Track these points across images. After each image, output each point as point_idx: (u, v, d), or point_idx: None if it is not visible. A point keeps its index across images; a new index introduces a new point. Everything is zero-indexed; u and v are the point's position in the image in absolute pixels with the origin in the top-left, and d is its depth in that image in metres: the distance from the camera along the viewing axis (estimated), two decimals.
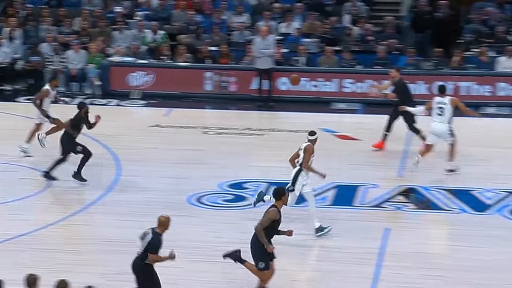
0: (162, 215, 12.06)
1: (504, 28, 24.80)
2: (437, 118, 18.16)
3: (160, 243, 11.87)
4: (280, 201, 13.02)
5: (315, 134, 15.61)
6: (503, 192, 17.10)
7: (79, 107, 17.84)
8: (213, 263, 13.61)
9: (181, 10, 26.66)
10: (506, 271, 14.00)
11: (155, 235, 11.84)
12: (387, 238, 15.29)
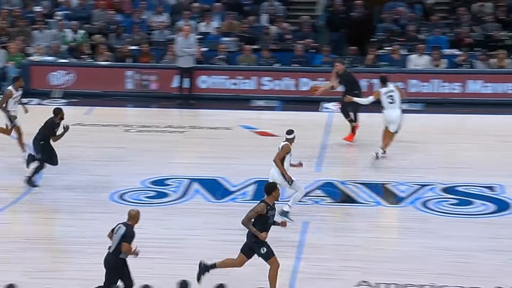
0: (132, 209, 12.25)
1: (415, 27, 25.15)
2: (390, 106, 18.54)
3: (134, 234, 11.99)
4: (271, 196, 12.97)
5: (292, 132, 15.67)
6: (416, 185, 17.33)
7: (55, 112, 17.22)
8: (135, 259, 13.49)
9: (101, 10, 26.43)
10: (420, 261, 14.21)
11: (128, 227, 12.02)
12: (306, 231, 15.39)
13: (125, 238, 11.99)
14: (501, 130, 20.16)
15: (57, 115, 17.18)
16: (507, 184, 17.27)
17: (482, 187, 17.28)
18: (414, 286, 13.35)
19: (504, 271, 13.76)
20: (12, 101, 18.41)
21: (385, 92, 18.61)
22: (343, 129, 20.29)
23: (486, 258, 14.27)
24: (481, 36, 24.70)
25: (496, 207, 16.41)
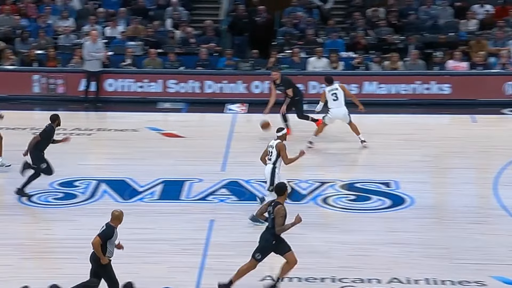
0: (115, 210, 12.22)
1: (313, 31, 25.42)
2: (334, 104, 19.28)
3: (112, 235, 11.99)
4: (283, 197, 12.95)
5: (282, 129, 15.71)
6: (316, 182, 17.52)
7: (53, 119, 16.64)
8: (44, 259, 13.35)
9: (5, 15, 25.97)
10: (321, 255, 14.36)
11: (108, 227, 12.05)
12: (212, 229, 15.41)
13: (101, 234, 12.01)
14: (395, 128, 20.53)
15: (55, 121, 16.62)
16: (402, 180, 17.59)
17: (379, 184, 17.55)
18: (316, 279, 13.50)
19: (400, 262, 14.02)
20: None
21: (329, 90, 19.35)
22: (247, 129, 20.42)
23: (383, 250, 14.51)
24: (375, 40, 25.12)
25: (391, 202, 16.69)
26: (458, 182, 17.68)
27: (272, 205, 12.95)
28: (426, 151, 19.42)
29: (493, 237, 15.00)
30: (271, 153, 15.49)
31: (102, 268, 12.10)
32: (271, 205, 13.00)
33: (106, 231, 12.06)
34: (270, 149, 15.53)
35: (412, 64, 23.89)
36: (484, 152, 19.00)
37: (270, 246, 12.90)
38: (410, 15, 25.78)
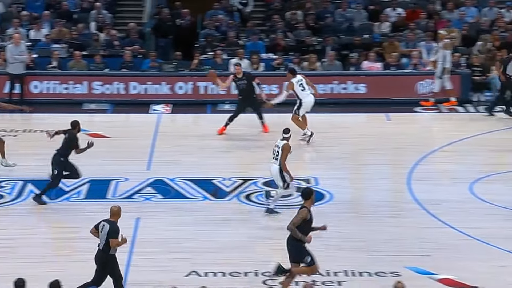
0: (114, 206, 12.33)
1: (234, 33, 25.46)
2: (304, 94, 19.54)
3: (118, 230, 12.05)
4: (309, 200, 12.70)
5: (289, 131, 15.56)
6: (239, 179, 17.55)
7: (73, 125, 16.17)
8: None
9: None
10: (245, 250, 14.40)
11: (112, 224, 12.08)
12: (138, 227, 15.32)
13: (111, 234, 12.02)
14: (314, 127, 20.62)
15: (75, 127, 16.17)
16: (321, 176, 17.73)
17: (299, 180, 17.64)
18: (240, 274, 13.53)
19: (320, 256, 14.00)
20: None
21: (297, 81, 19.43)
22: (171, 129, 20.37)
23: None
24: (294, 42, 25.27)
25: None
26: (374, 178, 17.89)
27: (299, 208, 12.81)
28: (344, 149, 19.61)
29: (407, 229, 15.23)
30: (277, 153, 15.43)
31: (108, 263, 12.14)
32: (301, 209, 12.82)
33: (113, 228, 12.08)
34: (276, 148, 15.49)
35: (329, 65, 24.11)
36: (398, 149, 19.27)
37: (301, 250, 12.62)
38: (327, 18, 26.01)
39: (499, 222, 15.44)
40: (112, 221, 12.21)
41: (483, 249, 14.28)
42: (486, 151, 19.28)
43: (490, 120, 21.73)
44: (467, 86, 23.29)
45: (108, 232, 12.08)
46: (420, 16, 25.79)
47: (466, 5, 26.09)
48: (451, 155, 19.06)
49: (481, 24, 25.41)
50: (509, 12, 25.84)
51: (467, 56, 24.17)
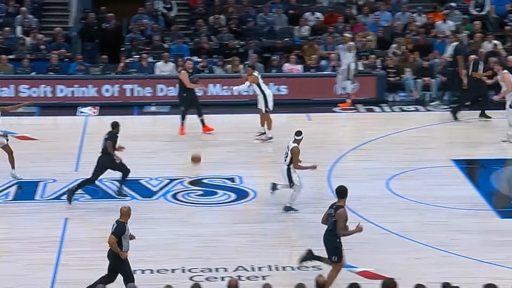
0: (123, 206, 12.44)
1: (159, 37, 25.34)
2: (265, 88, 19.72)
3: (124, 230, 12.18)
4: (344, 199, 12.53)
5: (301, 134, 15.35)
6: (166, 179, 17.47)
7: (114, 126, 16.17)
8: None
9: None
10: (172, 248, 14.35)
11: (119, 224, 12.24)
12: (66, 227, 15.13)
13: (115, 233, 12.20)
14: (238, 127, 20.70)
15: (115, 128, 16.14)
16: (245, 175, 17.77)
17: (225, 179, 17.68)
18: (167, 270, 13.48)
19: (245, 251, 14.16)
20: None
21: (258, 75, 19.67)
22: (98, 131, 20.15)
23: (229, 241, 14.63)
24: (218, 45, 25.26)
25: (236, 196, 16.84)
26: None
27: (334, 208, 12.64)
28: (267, 148, 19.68)
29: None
30: (287, 155, 15.33)
31: (119, 263, 12.21)
32: (333, 207, 12.68)
33: (118, 228, 12.16)
34: (286, 150, 15.36)
35: None
36: (319, 148, 19.39)
37: (337, 245, 12.58)
38: (249, 22, 26.07)
39: (414, 216, 15.68)
40: (121, 221, 12.34)
41: (400, 242, 14.48)
42: (401, 148, 19.57)
43: (404, 119, 22.07)
44: (383, 87, 23.60)
45: (113, 229, 12.25)
46: (338, 20, 26.03)
47: (381, 9, 26.43)
48: (368, 153, 19.29)
49: (395, 27, 25.77)
50: (420, 17, 26.27)
51: (382, 58, 24.49)
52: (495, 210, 15.87)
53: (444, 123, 21.58)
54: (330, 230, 12.66)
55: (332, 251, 12.62)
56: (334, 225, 12.54)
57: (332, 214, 12.64)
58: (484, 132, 20.74)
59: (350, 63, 22.74)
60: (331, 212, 12.71)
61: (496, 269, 13.32)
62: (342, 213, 12.47)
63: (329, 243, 12.65)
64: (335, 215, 12.55)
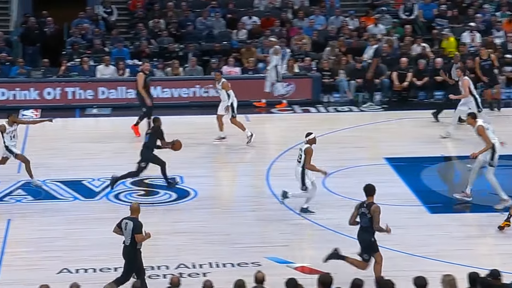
0: (134, 203, 12.50)
1: (100, 41, 25.14)
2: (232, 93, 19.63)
3: (141, 225, 12.10)
4: (373, 196, 12.45)
5: (311, 134, 15.15)
6: (108, 180, 17.32)
7: (155, 120, 16.83)
8: None
9: None
10: (115, 247, 14.21)
11: (134, 220, 12.12)
12: (9, 228, 14.91)
13: (135, 230, 12.03)
14: (179, 128, 20.62)
15: (156, 122, 16.68)
16: (186, 175, 17.73)
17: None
18: (110, 269, 13.37)
19: (186, 249, 14.14)
20: (8, 136, 16.49)
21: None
22: (40, 133, 19.92)
23: (171, 239, 14.58)
24: (158, 48, 25.16)
25: (177, 195, 16.79)
26: (236, 175, 18.02)
27: (366, 206, 12.52)
28: (207, 148, 19.68)
29: (267, 222, 15.41)
30: (300, 156, 15.17)
31: (133, 260, 12.17)
32: (364, 206, 12.56)
33: (136, 226, 12.07)
34: (299, 152, 15.21)
35: (191, 70, 24.12)
36: (258, 148, 19.45)
37: (371, 244, 12.51)
38: (188, 26, 26.01)
39: (348, 212, 15.74)
40: (134, 217, 12.24)
41: (335, 238, 14.59)
42: (336, 148, 19.72)
43: (339, 119, 22.25)
44: (318, 88, 23.76)
45: (132, 228, 12.06)
46: (274, 24, 26.13)
47: (315, 14, 26.61)
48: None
49: (329, 31, 25.97)
50: (353, 20, 26.52)
51: (317, 61, 24.67)
52: (425, 206, 16.10)
53: (377, 122, 21.83)
54: (366, 228, 12.61)
55: (367, 248, 12.60)
56: (370, 222, 12.49)
57: (366, 212, 12.55)
58: (416, 131, 21.01)
59: (277, 65, 22.84)
60: (363, 210, 12.61)
61: (427, 262, 13.52)
62: (378, 208, 12.45)
63: (365, 241, 12.63)
64: (370, 211, 12.45)
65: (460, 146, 19.35)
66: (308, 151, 15.16)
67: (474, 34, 25.22)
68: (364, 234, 12.63)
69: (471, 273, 10.85)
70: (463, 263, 12.87)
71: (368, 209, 12.52)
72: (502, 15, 26.42)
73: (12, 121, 16.69)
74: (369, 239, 12.57)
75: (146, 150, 16.62)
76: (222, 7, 27.01)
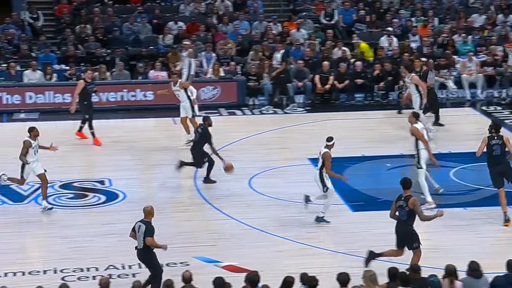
0: (146, 206, 12.31)
1: (27, 46, 24.76)
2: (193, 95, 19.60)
3: (153, 229, 12.02)
4: (410, 189, 12.58)
5: (332, 139, 14.74)
6: (37, 183, 17.04)
7: (205, 119, 17.04)
8: None
9: None
10: (43, 250, 14.04)
11: (147, 224, 12.07)
12: None
13: (146, 233, 11.99)
14: (107, 132, 20.43)
15: (206, 121, 16.91)
16: (115, 177, 17.59)
17: (94, 182, 17.44)
18: (39, 272, 13.18)
19: (115, 251, 14.01)
20: (32, 151, 15.59)
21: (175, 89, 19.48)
22: None
23: (99, 241, 14.44)
24: (85, 53, 24.89)
25: (106, 198, 16.64)
26: (164, 177, 17.92)
27: (403, 199, 12.52)
28: (135, 151, 19.54)
29: (195, 222, 15.39)
30: (318, 160, 14.87)
31: (151, 260, 12.15)
32: (401, 199, 12.53)
33: (148, 229, 12.01)
34: (319, 156, 14.90)
35: (119, 75, 23.93)
36: (186, 150, 19.39)
37: (414, 233, 12.55)
38: (115, 31, 25.81)
39: (274, 212, 15.90)
40: (147, 221, 12.13)
41: (262, 236, 14.66)
42: (262, 149, 19.82)
43: (264, 121, 22.35)
44: (243, 92, 23.83)
45: (144, 231, 11.97)
46: (200, 29, 26.12)
47: (240, 19, 26.70)
48: (232, 153, 19.40)
49: (253, 36, 26.08)
50: (276, 25, 26.69)
51: (242, 65, 24.75)
52: (347, 204, 16.29)
53: (300, 124, 22.00)
54: (404, 221, 12.60)
55: (411, 240, 12.64)
56: (409, 215, 12.54)
57: (403, 205, 12.58)
58: (338, 132, 21.20)
59: (191, 68, 22.78)
60: (401, 203, 12.62)
61: (349, 258, 13.68)
62: (416, 200, 12.57)
63: (406, 234, 12.64)
64: (409, 204, 12.49)
65: (380, 147, 19.64)
66: (326, 156, 14.74)
67: (391, 39, 25.64)
68: (404, 227, 12.64)
69: (390, 268, 11.04)
70: (383, 259, 13.06)
71: (406, 202, 12.57)
72: (417, 20, 26.93)
73: (35, 136, 15.77)
74: (411, 231, 12.63)
75: (195, 151, 17.01)
76: (148, 12, 26.89)
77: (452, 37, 25.84)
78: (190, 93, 19.77)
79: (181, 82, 19.78)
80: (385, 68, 24.10)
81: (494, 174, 15.04)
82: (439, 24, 27.03)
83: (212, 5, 27.45)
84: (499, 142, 14.98)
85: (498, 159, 14.97)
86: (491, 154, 15.02)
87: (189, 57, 22.67)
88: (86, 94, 19.81)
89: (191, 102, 19.67)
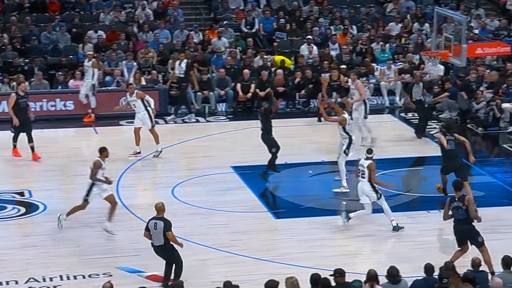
0: (158, 202, 12.61)
1: None
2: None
3: (171, 223, 12.38)
4: (461, 190, 13.05)
5: (372, 151, 15.22)
6: None
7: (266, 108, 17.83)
8: None
9: None
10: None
11: (164, 219, 12.40)
12: None
13: (166, 228, 12.34)
14: (27, 143, 20.05)
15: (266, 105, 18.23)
16: (34, 188, 17.28)
17: (13, 193, 17.10)
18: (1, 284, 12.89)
19: (35, 263, 13.77)
20: (101, 172, 14.96)
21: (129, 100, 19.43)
22: None
23: (19, 254, 14.17)
24: (2, 63, 24.42)
25: (26, 209, 16.33)
26: (85, 187, 17.60)
27: (458, 199, 12.92)
28: (55, 162, 19.24)
29: (118, 233, 15.20)
30: (363, 172, 14.99)
31: (173, 253, 12.49)
32: (455, 200, 12.93)
33: (166, 223, 12.35)
34: (361, 168, 15.06)
35: (38, 84, 23.53)
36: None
37: (475, 229, 12.89)
38: (33, 40, 25.38)
39: (197, 220, 15.86)
40: (161, 216, 12.45)
41: (186, 245, 14.55)
42: (185, 158, 19.75)
43: (187, 130, 22.26)
44: (165, 100, 23.68)
45: (163, 227, 12.29)
46: (120, 38, 25.89)
47: (160, 27, 26.57)
48: (155, 163, 19.32)
49: (175, 44, 25.98)
50: (197, 34, 26.65)
51: (163, 74, 24.62)
52: (270, 212, 16.35)
53: (223, 132, 22.01)
54: (465, 219, 12.95)
55: (476, 236, 12.93)
56: (467, 213, 12.87)
57: (460, 205, 12.92)
58: (260, 140, 21.33)
59: (93, 78, 22.62)
60: (456, 204, 12.97)
61: (273, 265, 13.71)
62: (471, 198, 13.08)
63: (469, 232, 12.99)
64: (465, 202, 12.89)
65: (302, 154, 19.79)
66: (371, 167, 15.09)
67: (311, 47, 25.87)
68: (464, 226, 13.02)
69: (312, 274, 11.11)
70: (306, 265, 13.14)
71: (462, 201, 12.95)
72: (336, 29, 27.25)
73: (105, 156, 15.33)
74: (472, 228, 12.98)
75: (265, 136, 17.54)
76: (67, 21, 26.52)
77: (370, 45, 26.24)
78: (147, 103, 19.52)
79: (138, 92, 19.52)
80: (307, 75, 24.31)
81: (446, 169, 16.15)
82: (358, 32, 27.41)
83: (132, 14, 27.25)
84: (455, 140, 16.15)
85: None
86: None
87: (93, 67, 22.47)
88: (19, 109, 19.23)
89: (149, 112, 19.42)
